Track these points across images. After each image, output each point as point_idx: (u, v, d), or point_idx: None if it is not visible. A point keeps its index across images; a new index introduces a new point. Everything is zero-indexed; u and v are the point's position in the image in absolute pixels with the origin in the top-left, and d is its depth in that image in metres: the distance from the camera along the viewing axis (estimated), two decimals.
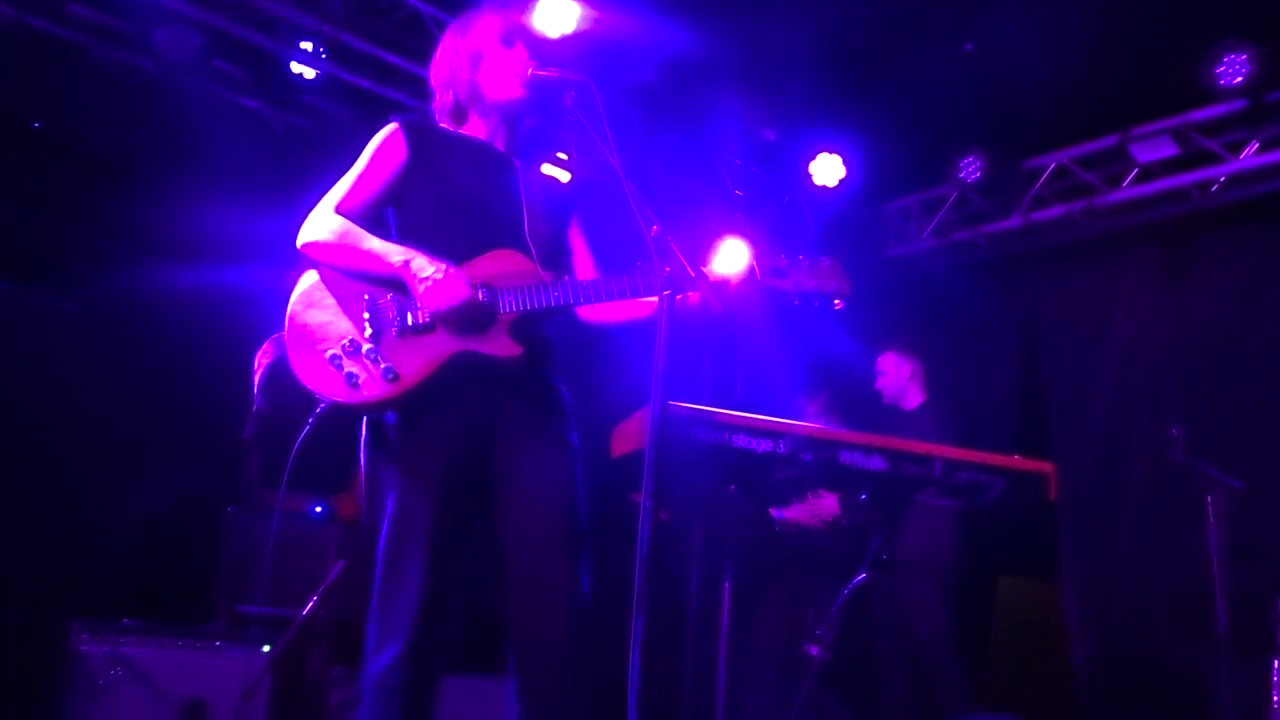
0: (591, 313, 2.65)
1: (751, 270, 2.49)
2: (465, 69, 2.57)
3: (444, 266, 2.35)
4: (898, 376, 5.39)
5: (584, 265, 2.67)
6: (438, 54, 2.65)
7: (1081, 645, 5.54)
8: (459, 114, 2.61)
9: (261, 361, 4.36)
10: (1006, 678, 5.48)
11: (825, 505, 5.01)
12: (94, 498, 4.67)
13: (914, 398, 5.37)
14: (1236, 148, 5.42)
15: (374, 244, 2.40)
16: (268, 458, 4.31)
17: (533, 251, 2.48)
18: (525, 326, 2.41)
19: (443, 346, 2.36)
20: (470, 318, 2.35)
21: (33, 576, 4.37)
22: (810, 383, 5.88)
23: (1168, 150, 5.52)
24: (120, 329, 4.72)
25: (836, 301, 2.51)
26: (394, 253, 2.39)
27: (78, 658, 3.63)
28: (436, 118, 2.65)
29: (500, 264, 2.43)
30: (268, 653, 3.78)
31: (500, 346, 2.37)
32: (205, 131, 5.11)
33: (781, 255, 2.53)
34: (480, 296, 2.36)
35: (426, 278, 2.33)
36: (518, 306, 2.37)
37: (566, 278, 2.51)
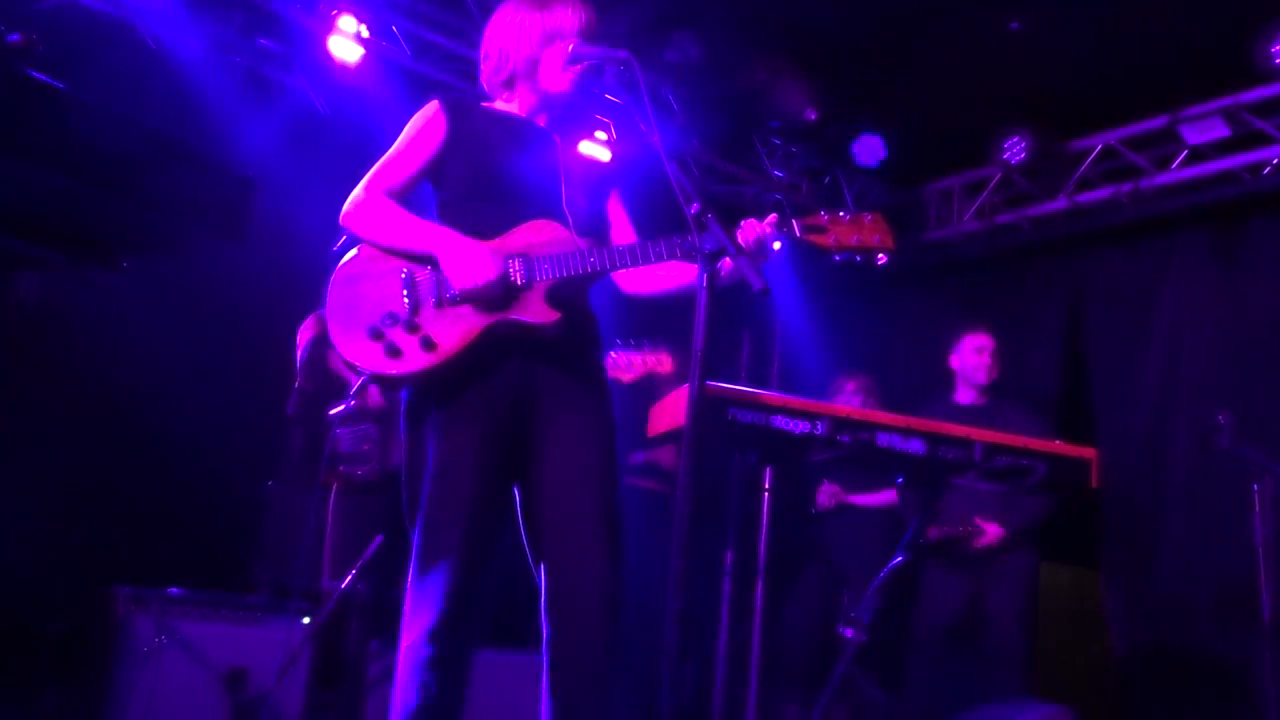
0: (631, 283, 2.62)
1: (791, 228, 2.40)
2: (534, 45, 2.52)
3: (475, 245, 2.36)
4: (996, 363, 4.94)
5: (623, 237, 2.63)
6: (504, 18, 2.59)
7: (1123, 632, 5.49)
8: (509, 84, 2.59)
9: (303, 337, 4.41)
10: (1047, 664, 5.43)
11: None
12: (140, 468, 4.76)
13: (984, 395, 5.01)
14: None
15: (408, 221, 2.42)
16: (311, 432, 4.37)
17: (570, 222, 2.47)
18: (563, 295, 2.40)
19: (480, 317, 2.36)
20: (500, 295, 2.35)
21: (80, 544, 4.46)
22: (849, 364, 5.85)
23: (1219, 131, 5.40)
24: (165, 303, 4.79)
25: (880, 257, 2.42)
26: (425, 229, 2.40)
27: (123, 625, 3.70)
28: (484, 85, 2.64)
29: (537, 233, 2.42)
30: (307, 624, 3.84)
31: (537, 313, 2.37)
32: (249, 108, 5.17)
33: (822, 212, 2.44)
34: (512, 271, 2.36)
35: (456, 256, 2.34)
36: (553, 273, 2.36)
37: (603, 245, 2.48)
